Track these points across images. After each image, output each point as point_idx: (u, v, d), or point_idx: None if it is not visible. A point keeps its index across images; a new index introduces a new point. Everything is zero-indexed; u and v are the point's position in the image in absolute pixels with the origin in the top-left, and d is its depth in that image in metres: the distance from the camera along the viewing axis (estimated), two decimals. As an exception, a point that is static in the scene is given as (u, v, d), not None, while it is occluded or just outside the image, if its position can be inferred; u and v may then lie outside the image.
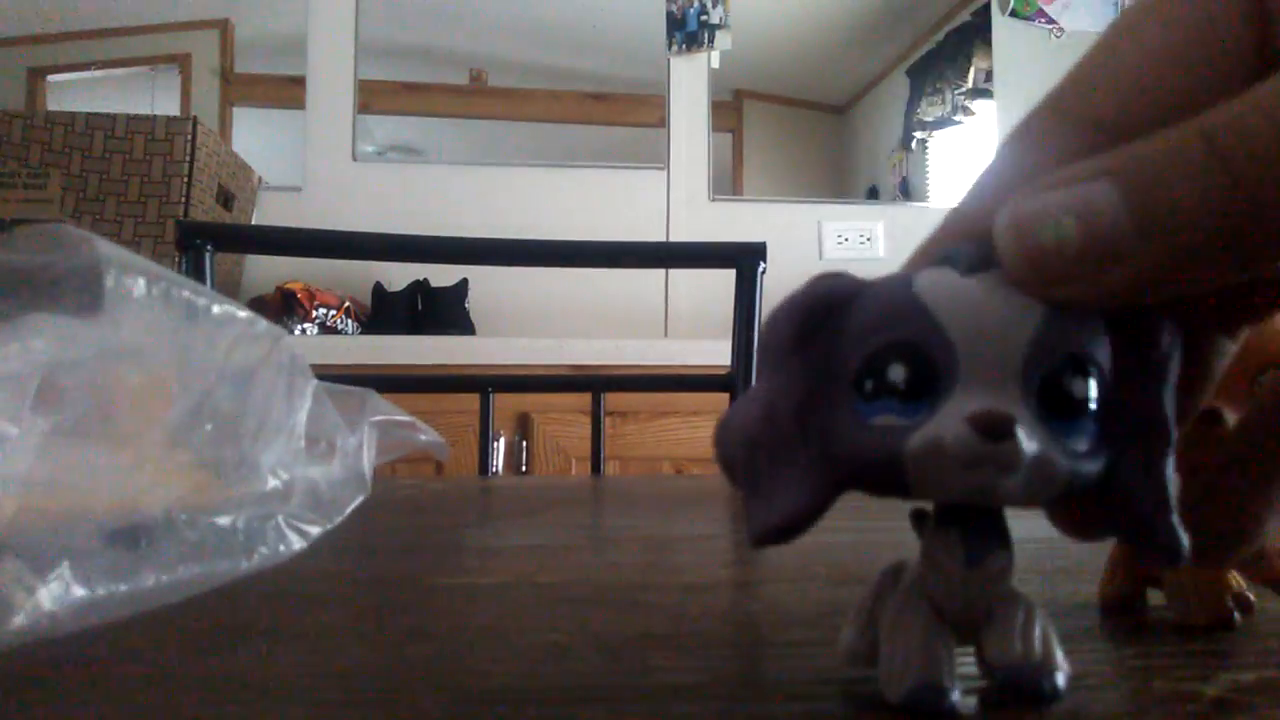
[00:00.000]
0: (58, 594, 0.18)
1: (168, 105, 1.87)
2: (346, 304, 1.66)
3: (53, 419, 0.20)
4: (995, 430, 0.13)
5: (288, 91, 1.91)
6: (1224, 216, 0.12)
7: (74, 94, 1.86)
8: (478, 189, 1.94)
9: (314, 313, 1.60)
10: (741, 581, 0.28)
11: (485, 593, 0.26)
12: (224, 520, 0.24)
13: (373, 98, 1.93)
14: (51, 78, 1.88)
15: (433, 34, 1.96)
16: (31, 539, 0.19)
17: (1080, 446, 0.14)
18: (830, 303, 0.15)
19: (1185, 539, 0.14)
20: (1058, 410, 0.14)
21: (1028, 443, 0.13)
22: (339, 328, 1.63)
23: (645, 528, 0.38)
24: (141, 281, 0.21)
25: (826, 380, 0.15)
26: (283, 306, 1.59)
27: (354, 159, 1.92)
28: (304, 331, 1.57)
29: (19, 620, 0.18)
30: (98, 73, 1.89)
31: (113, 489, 0.22)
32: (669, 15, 2.01)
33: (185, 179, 1.52)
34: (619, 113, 2.01)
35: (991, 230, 0.14)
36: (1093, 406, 0.14)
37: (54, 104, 1.85)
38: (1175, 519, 0.14)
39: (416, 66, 1.96)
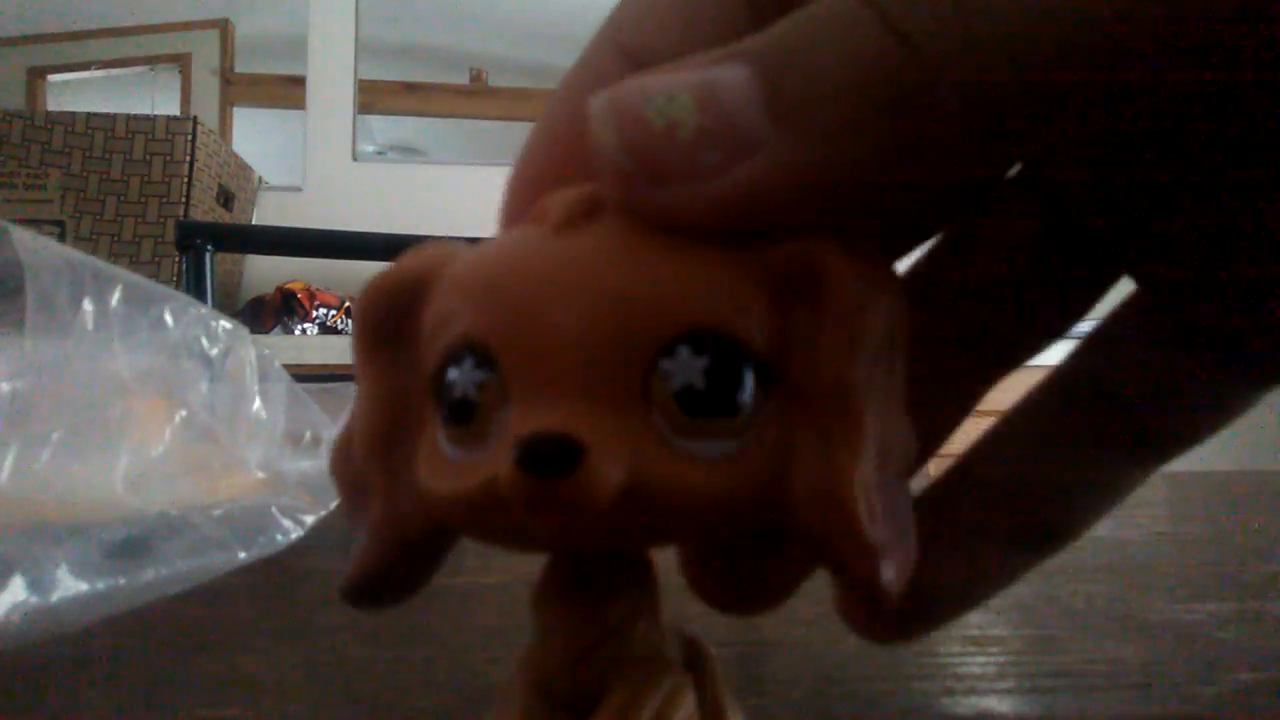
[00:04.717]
0: (57, 590, 0.18)
1: (168, 105, 1.87)
2: (346, 304, 1.66)
3: (28, 430, 0.20)
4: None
5: (288, 91, 1.91)
6: (886, 84, 0.08)
7: (74, 94, 1.86)
8: (478, 189, 1.94)
9: (314, 313, 1.59)
10: (741, 581, 0.28)
11: (485, 593, 0.26)
12: (218, 513, 0.24)
13: (373, 98, 1.93)
14: (51, 78, 1.88)
15: (433, 34, 1.96)
16: (28, 541, 0.19)
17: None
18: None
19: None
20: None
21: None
22: (339, 328, 1.62)
23: (645, 528, 0.37)
24: (74, 280, 0.21)
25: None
26: (283, 306, 1.59)
27: (354, 159, 1.92)
28: (304, 331, 1.57)
29: (19, 618, 0.18)
30: (98, 73, 1.89)
31: (101, 495, 0.22)
32: (669, 15, 2.01)
33: (185, 179, 1.52)
34: (619, 113, 2.01)
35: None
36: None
37: (54, 104, 1.85)
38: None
39: (416, 66, 1.96)
